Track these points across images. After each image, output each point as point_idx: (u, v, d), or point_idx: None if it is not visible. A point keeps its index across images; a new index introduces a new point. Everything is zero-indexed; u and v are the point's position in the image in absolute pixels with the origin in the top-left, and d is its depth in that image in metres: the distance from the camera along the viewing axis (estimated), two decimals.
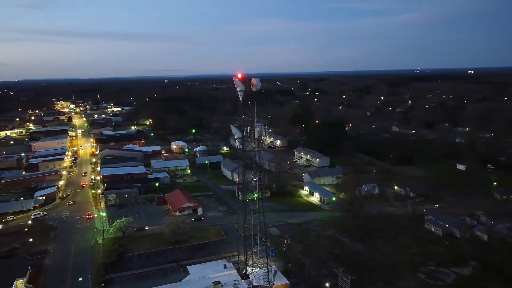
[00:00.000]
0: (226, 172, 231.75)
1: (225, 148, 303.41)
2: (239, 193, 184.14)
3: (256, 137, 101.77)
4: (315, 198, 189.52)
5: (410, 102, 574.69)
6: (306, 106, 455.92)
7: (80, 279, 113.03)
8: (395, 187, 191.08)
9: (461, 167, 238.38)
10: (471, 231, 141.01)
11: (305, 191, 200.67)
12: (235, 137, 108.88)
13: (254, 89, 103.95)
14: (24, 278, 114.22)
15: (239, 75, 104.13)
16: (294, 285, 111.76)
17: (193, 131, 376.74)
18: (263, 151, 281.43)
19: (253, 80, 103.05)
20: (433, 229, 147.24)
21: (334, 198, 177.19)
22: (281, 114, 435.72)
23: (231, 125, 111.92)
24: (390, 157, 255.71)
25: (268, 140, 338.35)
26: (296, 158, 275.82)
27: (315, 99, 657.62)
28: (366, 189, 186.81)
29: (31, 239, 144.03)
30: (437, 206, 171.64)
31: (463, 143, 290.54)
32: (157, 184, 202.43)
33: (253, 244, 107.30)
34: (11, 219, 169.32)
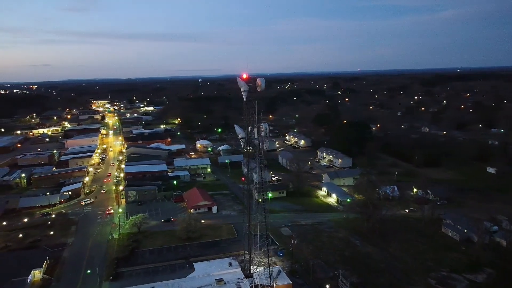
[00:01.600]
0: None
1: (249, 147, 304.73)
2: (255, 192, 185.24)
3: (256, 136, 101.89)
4: (332, 199, 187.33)
5: (445, 102, 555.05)
6: (333, 106, 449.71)
7: (89, 271, 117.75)
8: (414, 190, 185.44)
9: (491, 170, 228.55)
10: (491, 236, 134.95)
11: (323, 191, 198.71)
12: (239, 136, 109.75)
13: (259, 89, 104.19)
14: (41, 268, 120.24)
15: (244, 76, 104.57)
16: (298, 285, 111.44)
17: (219, 130, 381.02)
18: (286, 151, 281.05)
19: (258, 80, 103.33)
20: (450, 234, 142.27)
21: (348, 200, 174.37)
22: (308, 114, 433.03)
23: (235, 125, 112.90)
24: (415, 159, 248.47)
25: (292, 140, 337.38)
26: (319, 159, 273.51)
27: (346, 99, 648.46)
28: (384, 191, 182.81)
29: (52, 232, 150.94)
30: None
31: (495, 145, 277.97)
32: (175, 182, 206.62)
33: (256, 243, 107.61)
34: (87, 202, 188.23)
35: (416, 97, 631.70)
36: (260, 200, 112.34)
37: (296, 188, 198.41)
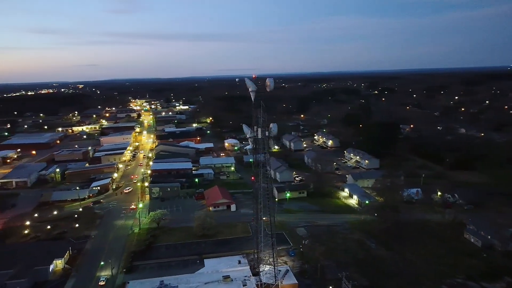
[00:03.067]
0: (270, 171, 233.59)
1: (276, 147, 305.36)
2: (276, 192, 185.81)
3: (260, 136, 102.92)
4: (354, 201, 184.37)
5: (487, 102, 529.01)
6: (366, 105, 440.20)
7: (102, 263, 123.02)
8: (439, 193, 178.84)
9: None
10: None
11: (345, 193, 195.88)
12: (247, 136, 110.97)
13: (268, 90, 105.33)
14: (63, 258, 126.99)
15: (253, 76, 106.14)
16: (306, 286, 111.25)
17: None
18: (313, 151, 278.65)
19: (267, 81, 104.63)
20: (472, 240, 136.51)
21: (367, 201, 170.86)
22: (340, 114, 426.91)
23: (243, 125, 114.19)
24: (447, 161, 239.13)
25: (320, 140, 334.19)
26: (346, 159, 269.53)
27: (383, 98, 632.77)
28: (408, 193, 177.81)
29: (77, 225, 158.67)
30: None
31: None
32: (196, 180, 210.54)
33: (267, 242, 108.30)
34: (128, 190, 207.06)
35: (457, 97, 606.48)
36: (270, 198, 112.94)
37: (317, 188, 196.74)
